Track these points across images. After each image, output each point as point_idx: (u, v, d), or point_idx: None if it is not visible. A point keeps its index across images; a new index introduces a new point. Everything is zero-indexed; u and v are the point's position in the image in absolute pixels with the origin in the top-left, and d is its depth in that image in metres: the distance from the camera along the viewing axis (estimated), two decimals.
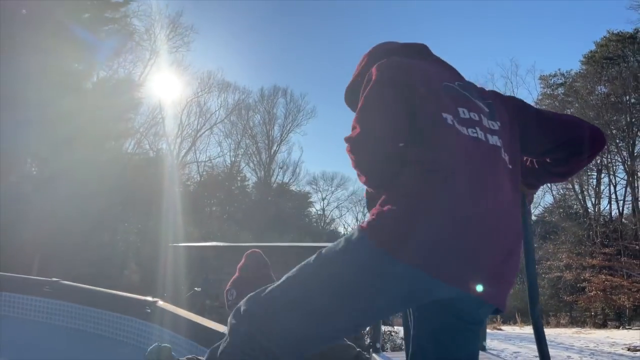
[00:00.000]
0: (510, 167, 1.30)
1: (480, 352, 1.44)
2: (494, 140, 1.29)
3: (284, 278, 1.25)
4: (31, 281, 3.34)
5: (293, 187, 32.53)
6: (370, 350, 1.81)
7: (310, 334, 1.19)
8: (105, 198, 12.56)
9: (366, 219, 1.22)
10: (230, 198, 27.93)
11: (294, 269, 1.25)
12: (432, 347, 1.28)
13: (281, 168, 31.90)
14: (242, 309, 1.22)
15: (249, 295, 1.25)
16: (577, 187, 24.00)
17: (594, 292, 20.90)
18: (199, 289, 7.81)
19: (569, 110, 21.68)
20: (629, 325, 18.94)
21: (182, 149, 26.63)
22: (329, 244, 1.27)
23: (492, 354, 4.98)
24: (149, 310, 2.91)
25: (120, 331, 2.89)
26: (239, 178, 29.22)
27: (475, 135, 1.26)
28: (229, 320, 1.24)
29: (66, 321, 3.01)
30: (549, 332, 14.44)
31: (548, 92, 24.83)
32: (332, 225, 33.81)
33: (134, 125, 19.00)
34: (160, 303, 3.00)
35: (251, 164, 31.00)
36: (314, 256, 1.25)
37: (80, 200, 11.80)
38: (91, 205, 12.31)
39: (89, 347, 2.78)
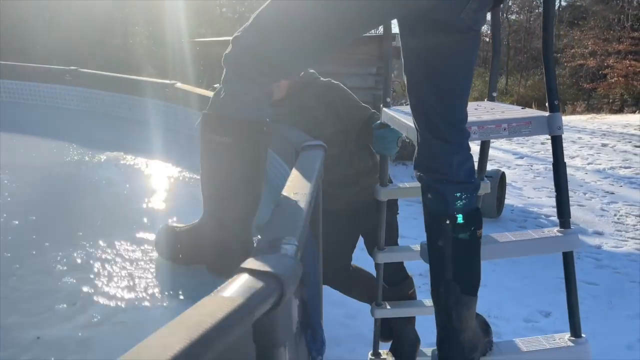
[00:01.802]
0: None
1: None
2: None
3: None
4: (53, 70, 3.39)
5: None
6: (381, 105, 1.86)
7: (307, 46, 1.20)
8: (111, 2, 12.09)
9: None
10: None
11: None
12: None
13: None
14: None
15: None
16: None
17: (615, 78, 20.66)
18: (218, 85, 7.90)
19: None
20: None
21: None
22: None
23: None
24: (167, 91, 2.98)
25: (140, 112, 3.01)
26: None
27: None
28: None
29: (87, 107, 3.13)
30: (564, 119, 14.69)
31: None
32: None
33: None
34: (179, 84, 3.06)
35: None
36: None
37: (87, 6, 11.40)
38: (99, 10, 11.93)
39: (111, 128, 2.93)
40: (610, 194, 6.39)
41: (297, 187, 1.14)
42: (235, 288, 0.65)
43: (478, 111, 1.67)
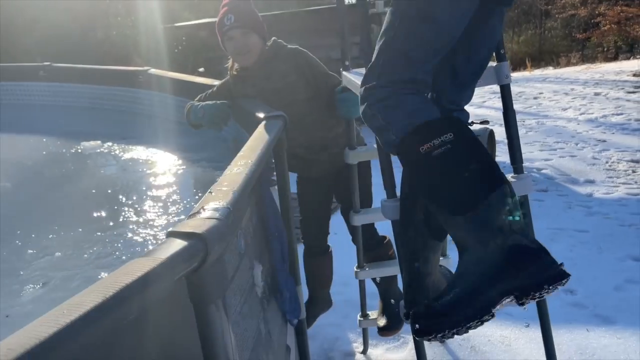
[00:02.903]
0: None
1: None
2: None
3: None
4: (25, 68, 3.39)
5: None
6: (340, 68, 1.87)
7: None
8: None
9: None
10: None
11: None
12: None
13: None
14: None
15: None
16: None
17: (608, 25, 20.33)
18: (202, 70, 7.84)
19: None
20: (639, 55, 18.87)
21: None
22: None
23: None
24: (141, 79, 2.99)
25: (117, 102, 3.03)
26: None
27: None
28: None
29: (62, 101, 3.14)
30: (558, 72, 14.59)
31: None
32: None
33: None
34: (152, 70, 3.06)
35: None
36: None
37: (67, 4, 11.25)
38: (79, 7, 11.74)
39: (88, 119, 2.94)
40: (602, 142, 6.38)
41: (246, 156, 1.17)
42: (161, 250, 0.69)
43: None
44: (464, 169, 1.14)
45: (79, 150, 2.33)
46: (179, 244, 0.70)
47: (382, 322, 2.35)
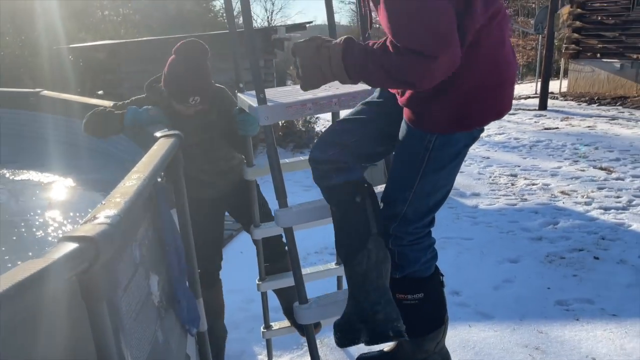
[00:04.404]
0: None
1: None
2: None
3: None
4: None
5: None
6: (236, 90, 1.98)
7: None
8: None
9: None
10: None
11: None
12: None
13: None
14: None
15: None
16: None
17: None
18: (102, 92, 7.60)
19: None
20: (520, 81, 20.88)
21: None
22: None
23: None
24: (32, 100, 2.91)
25: (7, 124, 2.91)
26: None
27: None
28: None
29: None
30: None
31: None
32: (240, 18, 32.11)
33: None
34: (45, 92, 2.98)
35: None
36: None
37: None
38: None
39: None
40: (486, 158, 7.02)
41: (140, 171, 1.24)
42: (53, 252, 0.75)
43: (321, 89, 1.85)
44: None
45: None
46: (70, 246, 0.77)
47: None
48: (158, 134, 1.74)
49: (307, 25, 8.51)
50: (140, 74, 7.39)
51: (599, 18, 11.84)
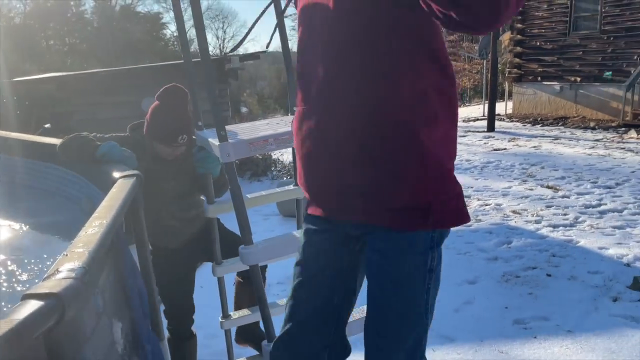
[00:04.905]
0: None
1: None
2: None
3: None
4: None
5: (140, 8, 29.52)
6: (194, 129, 1.98)
7: None
8: None
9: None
10: (69, 27, 24.76)
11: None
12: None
13: None
14: None
15: None
16: None
17: None
18: (49, 126, 7.38)
19: None
20: (468, 103, 21.72)
21: None
22: None
23: None
24: None
25: None
26: (72, 3, 25.62)
27: None
28: None
29: None
30: None
31: None
32: (193, 45, 32.05)
33: None
34: None
35: None
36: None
37: None
38: None
39: None
40: None
41: (102, 217, 1.22)
42: (16, 311, 0.73)
43: (281, 124, 1.88)
44: None
45: None
46: (34, 305, 0.74)
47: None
48: (116, 175, 1.71)
49: (261, 55, 8.58)
50: (91, 107, 7.23)
51: (538, 43, 12.52)
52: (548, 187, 6.37)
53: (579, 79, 11.60)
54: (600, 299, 3.34)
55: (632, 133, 9.29)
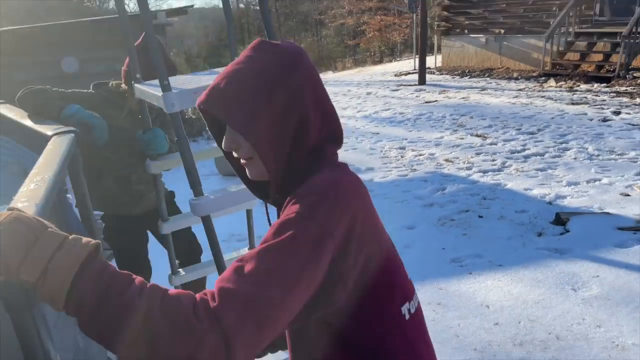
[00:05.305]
0: None
1: None
2: None
3: None
4: None
5: None
6: (132, 81, 1.90)
7: None
8: None
9: None
10: None
11: None
12: None
13: None
14: None
15: None
16: None
17: (371, 32, 23.30)
18: None
19: None
20: (399, 58, 21.99)
21: None
22: None
23: None
24: None
25: None
26: None
27: None
28: None
29: None
30: (336, 76, 16.17)
31: None
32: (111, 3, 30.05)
33: None
34: None
35: None
36: None
37: None
38: None
39: None
40: (376, 134, 7.36)
41: (41, 172, 1.17)
42: None
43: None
44: None
45: None
46: None
47: None
48: (49, 132, 1.63)
49: (188, 10, 8.23)
50: (6, 68, 6.70)
51: None
52: (477, 135, 6.67)
53: (502, 31, 12.01)
54: (526, 235, 3.61)
55: (552, 82, 9.82)
